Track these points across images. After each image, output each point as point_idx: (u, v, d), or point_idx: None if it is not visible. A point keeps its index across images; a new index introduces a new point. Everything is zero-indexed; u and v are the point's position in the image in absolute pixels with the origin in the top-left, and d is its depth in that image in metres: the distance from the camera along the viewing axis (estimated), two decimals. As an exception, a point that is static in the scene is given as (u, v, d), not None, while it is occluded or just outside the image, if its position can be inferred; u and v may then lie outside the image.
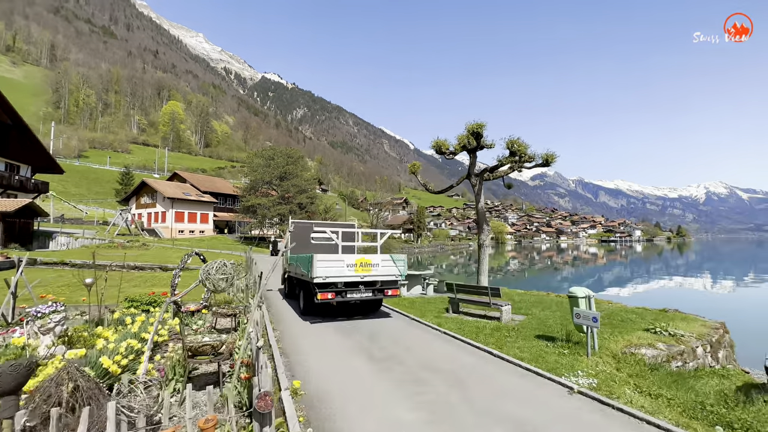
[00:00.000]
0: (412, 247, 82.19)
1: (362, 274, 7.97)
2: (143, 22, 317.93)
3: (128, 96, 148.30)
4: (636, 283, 30.23)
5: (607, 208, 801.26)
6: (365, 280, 8.02)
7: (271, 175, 49.15)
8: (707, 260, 58.51)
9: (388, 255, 8.35)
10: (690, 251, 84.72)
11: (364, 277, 7.99)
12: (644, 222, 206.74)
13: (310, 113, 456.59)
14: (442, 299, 11.14)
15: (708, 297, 23.17)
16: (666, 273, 38.75)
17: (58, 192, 66.33)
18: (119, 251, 29.20)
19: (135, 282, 13.50)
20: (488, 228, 11.82)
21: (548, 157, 11.33)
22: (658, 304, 11.58)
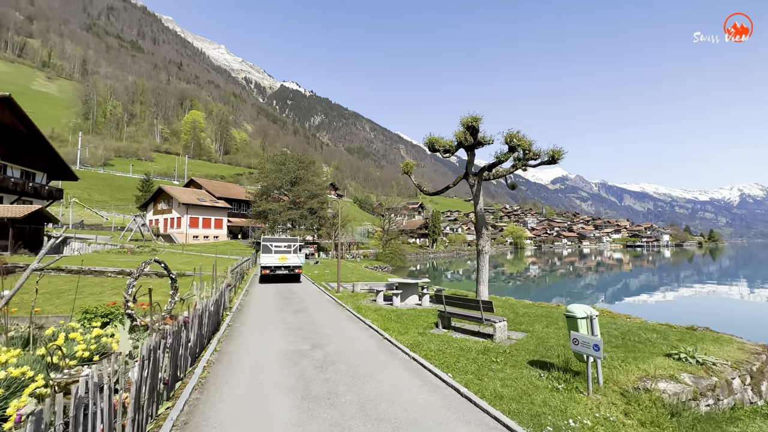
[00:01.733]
0: (427, 252, 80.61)
1: (282, 263, 17.31)
2: (169, 36, 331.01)
3: (152, 106, 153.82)
4: (661, 293, 27.91)
5: (633, 212, 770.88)
6: (283, 265, 17.38)
7: (282, 180, 49.13)
8: (743, 267, 54.37)
9: (295, 254, 17.74)
10: (723, 257, 79.43)
11: (283, 264, 17.37)
12: (673, 226, 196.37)
13: (328, 120, 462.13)
14: (436, 311, 10.09)
15: (746, 311, 20.47)
16: (696, 281, 35.85)
17: (82, 199, 68.94)
18: (128, 256, 29.43)
19: (119, 289, 13.05)
20: (488, 232, 10.70)
21: (555, 153, 10.15)
22: (685, 320, 10.12)
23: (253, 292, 13.65)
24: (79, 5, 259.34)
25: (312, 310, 10.12)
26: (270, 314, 9.41)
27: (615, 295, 28.17)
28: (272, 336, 7.20)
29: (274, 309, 10.20)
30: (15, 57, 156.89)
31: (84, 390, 2.11)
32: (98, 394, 2.28)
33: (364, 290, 14.85)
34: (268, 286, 15.86)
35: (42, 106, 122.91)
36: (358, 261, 47.71)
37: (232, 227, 60.82)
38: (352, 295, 13.31)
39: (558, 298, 27.59)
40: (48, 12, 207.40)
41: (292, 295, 12.76)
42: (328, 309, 10.40)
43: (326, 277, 20.12)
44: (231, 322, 8.16)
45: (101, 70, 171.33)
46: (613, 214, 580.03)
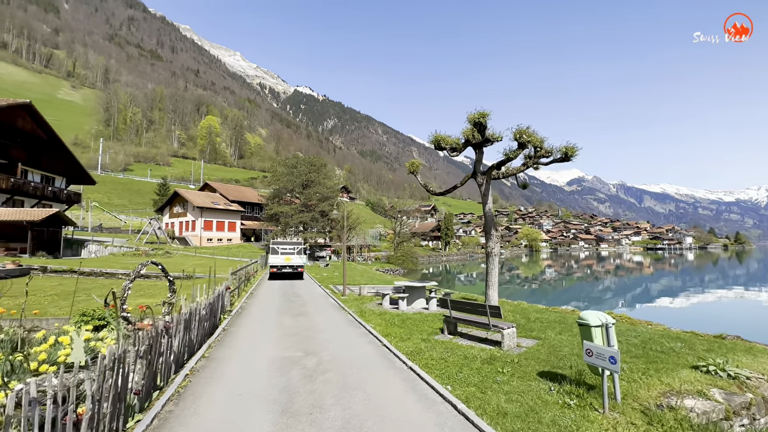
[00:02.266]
0: (440, 255, 79.76)
1: (287, 263, 19.52)
2: (186, 44, 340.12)
3: (170, 113, 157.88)
4: (685, 298, 26.56)
5: (653, 214, 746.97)
6: (288, 264, 19.59)
7: (293, 183, 49.38)
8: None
9: (298, 256, 20.17)
10: (751, 260, 75.73)
11: (288, 264, 19.58)
12: (696, 228, 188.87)
13: (341, 123, 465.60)
14: (443, 316, 9.67)
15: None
16: (722, 285, 34.08)
17: (102, 203, 71.01)
18: (142, 258, 29.94)
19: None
20: (497, 234, 10.23)
21: (568, 150, 9.62)
22: (712, 327, 9.40)
23: (258, 294, 13.50)
24: (102, 17, 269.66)
25: (313, 314, 9.86)
26: (270, 318, 9.21)
27: (635, 299, 26.98)
28: (266, 341, 6.94)
29: (275, 312, 9.99)
30: (42, 68, 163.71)
31: (12, 407, 1.85)
32: (35, 409, 2.02)
33: (370, 293, 14.51)
34: (273, 288, 15.73)
35: (67, 114, 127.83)
36: (370, 263, 47.44)
37: (246, 230, 61.50)
38: (357, 299, 13.00)
39: (575, 302, 26.65)
40: (73, 24, 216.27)
41: (296, 298, 12.54)
42: (330, 313, 10.13)
43: (334, 280, 19.88)
44: (228, 326, 7.97)
45: (122, 78, 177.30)
46: (633, 216, 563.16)
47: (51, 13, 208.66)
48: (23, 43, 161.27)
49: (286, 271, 19.85)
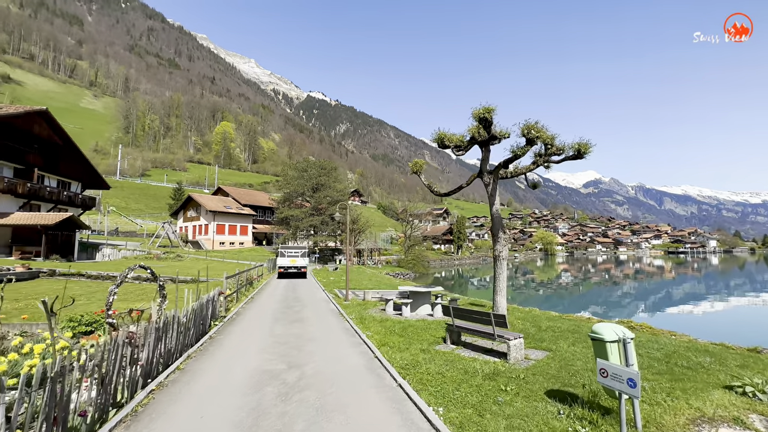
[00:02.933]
0: (452, 258, 78.61)
1: (292, 264, 22.23)
2: (203, 52, 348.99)
3: (187, 119, 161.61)
4: (711, 305, 25.08)
5: (675, 217, 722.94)
6: (293, 266, 22.24)
7: (304, 186, 49.46)
8: (808, 276, 48.75)
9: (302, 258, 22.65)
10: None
11: (293, 265, 22.23)
12: (720, 231, 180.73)
13: (353, 128, 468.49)
14: (446, 324, 9.13)
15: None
16: (752, 291, 32.19)
17: (120, 207, 72.77)
18: (153, 262, 30.26)
19: (128, 295, 12.94)
20: (505, 236, 9.63)
21: (581, 146, 8.98)
22: (744, 338, 8.58)
23: (259, 298, 13.17)
24: (123, 28, 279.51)
25: (310, 321, 9.47)
26: (263, 324, 8.86)
27: (656, 306, 25.66)
28: (251, 351, 6.50)
29: (270, 318, 9.63)
30: (66, 78, 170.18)
31: None
32: None
33: (374, 298, 14.03)
34: (276, 292, 15.42)
35: (89, 122, 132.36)
36: (380, 267, 46.96)
37: (257, 234, 61.93)
38: (360, 304, 12.54)
39: (592, 307, 25.52)
40: (96, 35, 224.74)
41: (295, 303, 12.14)
42: (327, 320, 9.73)
43: (340, 284, 19.50)
44: (216, 333, 7.61)
45: (141, 86, 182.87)
46: (653, 219, 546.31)
47: (75, 25, 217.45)
48: (49, 55, 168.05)
49: (292, 270, 23.19)
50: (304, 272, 23.23)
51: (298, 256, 23.39)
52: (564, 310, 24.53)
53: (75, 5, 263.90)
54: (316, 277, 23.74)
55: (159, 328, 4.80)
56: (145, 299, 12.24)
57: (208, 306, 7.68)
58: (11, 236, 24.80)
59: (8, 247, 24.14)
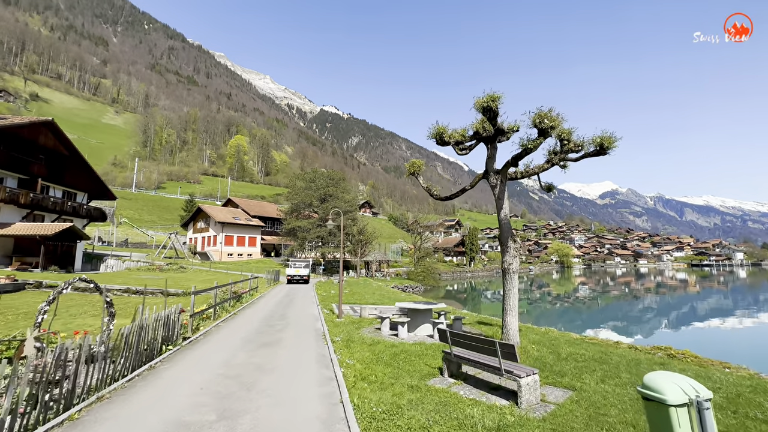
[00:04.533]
0: (464, 270, 76.43)
1: (297, 273, 28.68)
2: (220, 70, 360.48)
3: (202, 133, 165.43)
4: (748, 323, 22.63)
5: (697, 228, 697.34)
6: (298, 274, 28.66)
7: (312, 197, 48.79)
8: None
9: (304, 269, 29.00)
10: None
11: (298, 274, 28.66)
12: (747, 243, 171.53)
13: (365, 140, 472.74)
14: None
15: None
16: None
17: (133, 219, 73.69)
18: (155, 273, 29.66)
19: (81, 311, 11.96)
20: (515, 246, 8.27)
21: (604, 140, 7.65)
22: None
23: (242, 315, 11.82)
24: (146, 48, 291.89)
25: (284, 345, 8.21)
26: (226, 350, 7.52)
27: (683, 322, 23.33)
28: (185, 390, 5.19)
29: (240, 341, 8.37)
30: (90, 95, 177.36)
31: None
32: None
33: (372, 315, 12.72)
34: (266, 307, 14.14)
35: (110, 137, 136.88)
36: (388, 280, 45.48)
37: (266, 245, 61.40)
38: (354, 322, 11.24)
39: (612, 322, 23.43)
40: (120, 55, 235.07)
41: (279, 322, 10.80)
42: (306, 343, 8.45)
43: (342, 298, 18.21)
44: (162, 362, 6.39)
45: (160, 102, 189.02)
46: (673, 230, 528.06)
47: (101, 46, 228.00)
48: (75, 74, 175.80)
49: (297, 278, 28.97)
50: (306, 279, 29.42)
51: (301, 267, 29.60)
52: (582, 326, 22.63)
53: (101, 28, 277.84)
54: (316, 291, 22.51)
55: (45, 368, 3.63)
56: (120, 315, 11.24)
57: (157, 327, 6.52)
58: (13, 247, 24.56)
59: (9, 257, 23.86)
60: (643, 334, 20.08)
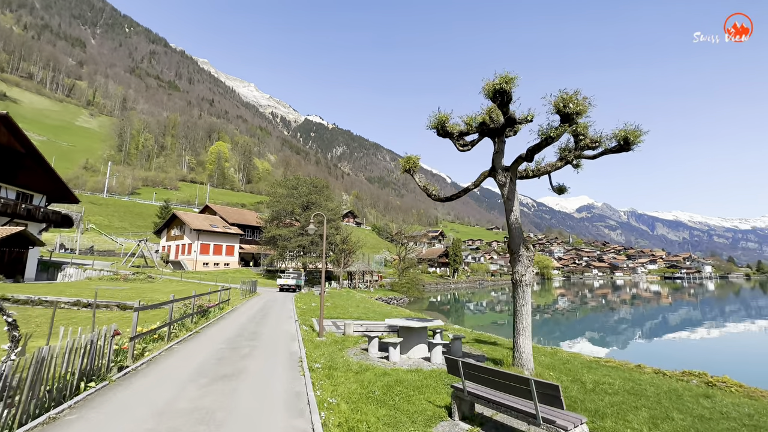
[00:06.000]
0: (448, 282, 75.58)
1: (287, 283, 32.01)
2: (203, 76, 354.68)
3: (182, 139, 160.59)
4: (729, 337, 22.28)
5: (667, 242, 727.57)
6: (287, 283, 31.93)
7: (293, 204, 46.93)
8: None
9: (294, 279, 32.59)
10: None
11: (288, 283, 31.94)
12: (714, 256, 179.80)
13: (349, 151, 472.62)
14: (452, 377, 6.41)
15: None
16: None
17: (102, 225, 69.56)
18: (118, 284, 27.16)
19: (44, 327, 10.04)
20: (528, 254, 7.12)
21: (629, 134, 6.69)
22: None
23: (206, 333, 9.92)
24: (126, 51, 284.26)
25: (248, 376, 6.48)
26: (171, 384, 5.85)
27: (682, 342, 22.72)
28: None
29: (192, 372, 6.60)
30: (64, 97, 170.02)
31: None
32: None
33: (357, 332, 11.26)
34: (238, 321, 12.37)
35: (82, 139, 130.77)
36: (372, 291, 43.87)
37: (244, 254, 58.79)
38: (338, 341, 9.77)
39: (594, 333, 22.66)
40: (98, 57, 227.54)
41: (248, 342, 8.94)
42: (277, 372, 6.78)
43: (325, 312, 16.62)
44: (73, 407, 4.66)
45: (139, 106, 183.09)
46: (646, 244, 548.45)
47: (77, 47, 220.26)
48: (48, 74, 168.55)
49: (286, 287, 31.85)
50: (294, 288, 32.28)
51: (291, 277, 32.88)
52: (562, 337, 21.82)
53: (79, 29, 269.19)
54: (295, 303, 20.80)
55: None
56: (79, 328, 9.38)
57: (73, 358, 4.85)
58: (-48, 253, 21.84)
59: (-54, 265, 21.16)
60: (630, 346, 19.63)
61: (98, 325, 11.64)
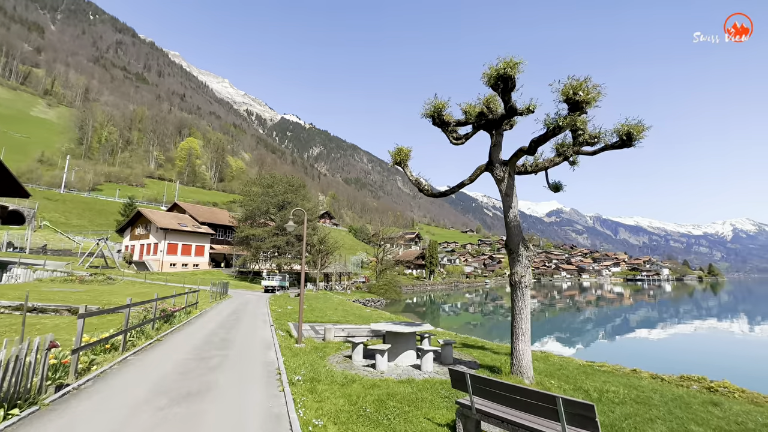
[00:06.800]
0: (424, 284, 75.78)
1: (272, 284, 33.55)
2: (174, 69, 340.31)
3: (150, 133, 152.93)
4: (687, 333, 23.25)
5: (629, 246, 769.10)
6: (271, 285, 33.33)
7: (268, 203, 45.32)
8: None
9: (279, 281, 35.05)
10: (738, 292, 75.03)
11: (272, 284, 33.36)
12: (671, 260, 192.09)
13: (326, 151, 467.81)
14: (448, 388, 5.84)
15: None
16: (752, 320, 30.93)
17: (58, 223, 64.69)
18: (73, 285, 24.91)
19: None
20: (528, 254, 6.69)
21: (633, 129, 6.41)
22: None
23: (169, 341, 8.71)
24: (89, 39, 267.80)
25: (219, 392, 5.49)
26: (119, 408, 4.73)
27: (621, 332, 23.37)
28: None
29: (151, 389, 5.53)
30: (18, 84, 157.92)
31: None
32: None
33: (339, 338, 10.52)
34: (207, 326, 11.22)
35: (38, 130, 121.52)
36: (349, 293, 42.97)
37: (215, 255, 56.32)
38: (318, 348, 9.00)
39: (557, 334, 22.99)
40: (57, 44, 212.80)
41: (217, 351, 7.95)
42: (252, 388, 5.77)
43: (298, 317, 15.71)
44: None
45: (103, 98, 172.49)
46: (609, 248, 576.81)
47: (35, 32, 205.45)
48: (0, 60, 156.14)
49: (270, 288, 33.16)
50: (279, 289, 34.08)
51: (275, 278, 34.83)
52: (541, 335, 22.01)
53: (37, 13, 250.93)
54: (270, 307, 19.70)
55: None
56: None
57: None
58: None
59: None
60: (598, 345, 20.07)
61: (45, 332, 10.27)
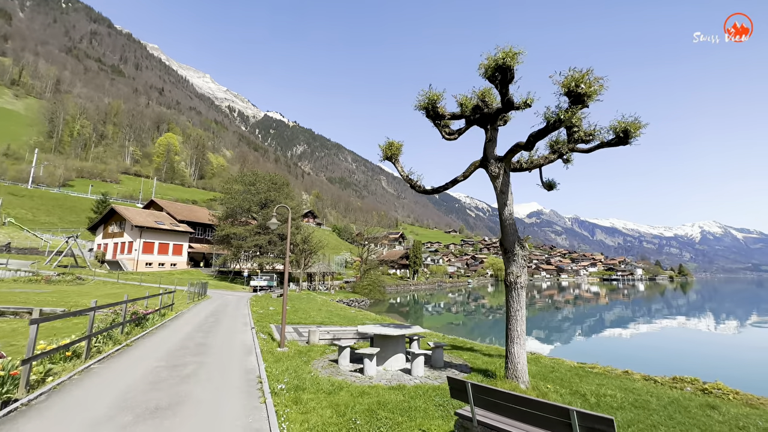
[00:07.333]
0: (408, 283, 75.79)
1: (261, 284, 35.69)
2: (152, 62, 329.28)
3: (126, 128, 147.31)
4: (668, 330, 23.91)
5: (605, 246, 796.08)
6: (260, 284, 35.42)
7: (250, 201, 44.14)
8: (744, 303, 51.74)
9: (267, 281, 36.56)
10: (707, 291, 78.60)
11: (260, 284, 35.52)
12: (644, 261, 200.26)
13: (310, 150, 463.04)
14: (441, 394, 5.51)
15: None
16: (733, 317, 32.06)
17: (24, 219, 61.34)
18: (38, 286, 23.43)
19: None
20: (524, 254, 6.46)
21: (630, 126, 6.27)
22: None
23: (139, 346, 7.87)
24: (61, 29, 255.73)
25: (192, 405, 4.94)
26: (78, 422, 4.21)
27: (595, 330, 23.80)
28: None
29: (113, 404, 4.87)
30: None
31: None
32: None
33: (324, 341, 10.08)
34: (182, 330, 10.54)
35: (4, 122, 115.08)
36: (333, 293, 42.36)
37: (194, 254, 54.56)
38: (302, 352, 8.54)
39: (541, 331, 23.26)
40: (26, 33, 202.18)
41: (193, 358, 7.35)
42: (229, 401, 5.16)
43: (281, 318, 15.15)
44: None
45: (75, 90, 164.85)
46: (587, 248, 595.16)
47: (1, 18, 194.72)
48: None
49: (259, 287, 34.70)
50: (267, 288, 35.16)
51: (264, 279, 36.46)
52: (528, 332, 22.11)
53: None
54: (251, 308, 19.00)
55: None
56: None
57: None
58: None
59: None
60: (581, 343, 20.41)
61: (1, 338, 9.38)
